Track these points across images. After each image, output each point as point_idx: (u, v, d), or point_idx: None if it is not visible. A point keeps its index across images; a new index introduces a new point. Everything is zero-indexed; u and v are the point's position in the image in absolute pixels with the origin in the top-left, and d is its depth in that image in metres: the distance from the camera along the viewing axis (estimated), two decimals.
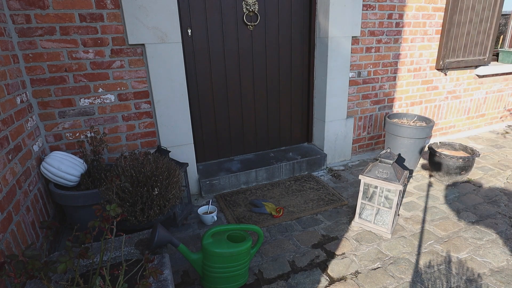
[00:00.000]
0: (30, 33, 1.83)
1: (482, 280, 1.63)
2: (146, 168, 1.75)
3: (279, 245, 1.93)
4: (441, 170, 2.58)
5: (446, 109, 3.57)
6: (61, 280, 1.15)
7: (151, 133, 2.32)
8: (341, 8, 2.57)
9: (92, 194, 1.75)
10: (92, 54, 2.00)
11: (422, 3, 2.95)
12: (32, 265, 0.91)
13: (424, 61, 3.20)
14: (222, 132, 2.76)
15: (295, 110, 3.02)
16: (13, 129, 1.61)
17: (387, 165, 1.97)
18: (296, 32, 2.76)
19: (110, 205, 1.08)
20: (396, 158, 2.02)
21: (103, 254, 1.11)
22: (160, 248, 1.30)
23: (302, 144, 3.18)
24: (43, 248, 1.73)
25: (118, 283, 1.02)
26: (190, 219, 2.23)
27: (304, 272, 1.70)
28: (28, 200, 1.67)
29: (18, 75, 1.80)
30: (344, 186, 2.64)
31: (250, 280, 1.65)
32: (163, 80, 2.19)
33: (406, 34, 2.99)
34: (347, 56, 2.76)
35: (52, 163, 1.78)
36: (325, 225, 2.12)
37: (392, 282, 1.62)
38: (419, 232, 2.02)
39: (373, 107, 3.13)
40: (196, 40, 2.42)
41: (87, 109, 2.09)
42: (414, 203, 2.35)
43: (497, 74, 3.75)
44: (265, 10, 2.57)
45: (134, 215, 1.66)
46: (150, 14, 2.02)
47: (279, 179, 2.78)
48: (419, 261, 1.77)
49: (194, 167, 2.50)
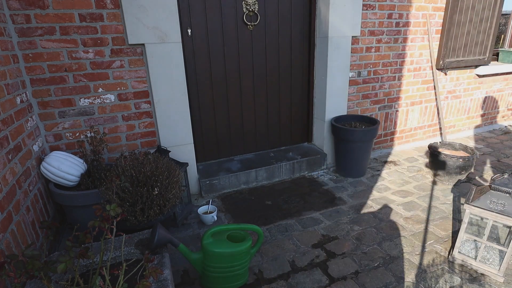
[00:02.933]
0: (30, 33, 1.83)
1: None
2: (146, 168, 1.75)
3: (279, 245, 1.93)
4: (443, 170, 2.58)
5: (446, 109, 3.57)
6: (61, 280, 1.15)
7: (151, 133, 2.32)
8: (341, 8, 2.57)
9: (92, 194, 1.75)
10: (92, 54, 2.00)
11: (422, 3, 2.94)
12: (32, 265, 0.91)
13: (424, 60, 3.20)
14: (222, 132, 2.76)
15: (295, 110, 3.02)
16: (13, 129, 1.61)
17: (504, 194, 1.62)
18: (296, 32, 2.76)
19: (110, 205, 1.08)
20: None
21: (103, 254, 1.11)
22: (160, 248, 1.30)
23: (302, 144, 3.18)
24: (43, 248, 1.73)
25: (118, 283, 1.02)
26: (190, 219, 2.23)
27: (304, 272, 1.70)
28: (28, 200, 1.67)
29: (18, 75, 1.80)
30: (344, 186, 2.65)
31: (250, 280, 1.65)
32: (163, 80, 2.19)
33: (406, 34, 2.99)
34: (347, 56, 2.76)
35: (52, 163, 1.78)
36: (325, 225, 2.12)
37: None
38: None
39: (373, 107, 3.13)
40: (196, 40, 2.42)
41: (87, 109, 2.09)
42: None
43: (497, 73, 3.74)
44: (265, 10, 2.57)
45: (134, 215, 1.66)
46: (150, 14, 2.02)
47: (279, 179, 2.78)
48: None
49: (194, 167, 2.50)
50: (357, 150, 2.67)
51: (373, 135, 2.65)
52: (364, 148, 2.69)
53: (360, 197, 2.47)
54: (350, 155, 2.71)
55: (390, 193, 2.51)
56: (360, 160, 2.73)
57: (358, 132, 2.59)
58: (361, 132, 2.59)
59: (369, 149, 2.74)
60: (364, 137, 2.61)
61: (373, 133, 2.64)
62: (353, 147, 2.66)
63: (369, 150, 2.75)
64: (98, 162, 1.98)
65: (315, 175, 2.86)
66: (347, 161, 2.75)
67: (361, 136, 2.61)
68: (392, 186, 2.63)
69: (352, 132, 2.60)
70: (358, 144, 2.65)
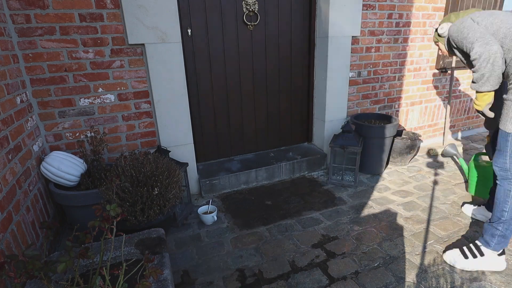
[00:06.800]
0: (30, 33, 1.83)
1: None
2: (146, 168, 1.75)
3: (279, 245, 1.93)
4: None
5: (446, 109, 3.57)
6: (61, 280, 1.15)
7: (151, 133, 2.32)
8: (341, 8, 2.57)
9: (92, 194, 1.75)
10: (92, 54, 2.00)
11: (422, 3, 2.94)
12: (32, 265, 0.91)
13: (424, 61, 3.20)
14: (222, 131, 2.76)
15: (295, 110, 3.02)
16: (13, 129, 1.61)
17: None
18: (296, 32, 2.76)
19: (110, 205, 1.08)
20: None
21: (103, 254, 1.11)
22: (160, 247, 1.30)
23: (302, 144, 3.18)
24: (43, 248, 1.73)
25: (118, 283, 1.02)
26: (190, 219, 2.23)
27: (304, 272, 1.70)
28: (28, 200, 1.66)
29: (18, 75, 1.80)
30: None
31: (250, 280, 1.66)
32: (163, 80, 2.19)
33: (406, 34, 2.99)
34: (347, 55, 2.75)
35: (52, 163, 1.78)
36: (325, 225, 2.12)
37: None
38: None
39: (373, 107, 3.13)
40: (196, 40, 2.42)
41: (87, 109, 2.09)
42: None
43: None
44: (265, 10, 2.57)
45: (134, 215, 1.66)
46: (150, 14, 2.02)
47: (279, 179, 2.78)
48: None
49: (194, 167, 2.50)
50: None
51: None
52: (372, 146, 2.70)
53: (360, 197, 2.47)
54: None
55: (390, 193, 2.51)
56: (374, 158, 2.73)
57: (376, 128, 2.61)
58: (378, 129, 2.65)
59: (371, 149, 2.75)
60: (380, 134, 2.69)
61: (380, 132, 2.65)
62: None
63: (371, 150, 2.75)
64: (98, 162, 1.98)
65: (315, 175, 2.86)
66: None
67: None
68: (392, 186, 2.63)
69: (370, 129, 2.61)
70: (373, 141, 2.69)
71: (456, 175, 2.79)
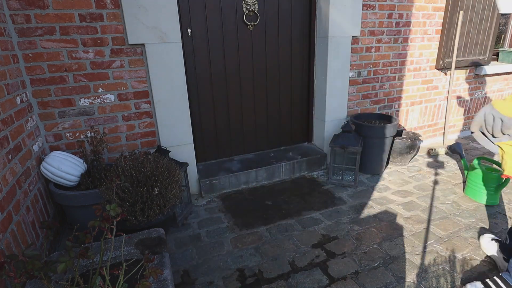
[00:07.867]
0: (30, 33, 1.83)
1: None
2: (146, 168, 1.75)
3: (279, 245, 1.93)
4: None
5: (446, 109, 3.57)
6: (61, 280, 1.15)
7: (151, 133, 2.32)
8: (341, 8, 2.57)
9: (92, 194, 1.75)
10: (92, 54, 2.00)
11: (422, 3, 2.94)
12: (32, 265, 0.91)
13: (424, 60, 3.20)
14: (222, 131, 2.76)
15: (295, 110, 3.02)
16: (13, 129, 1.61)
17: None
18: (296, 32, 2.76)
19: (110, 205, 1.08)
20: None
21: (103, 254, 1.11)
22: (160, 247, 1.30)
23: (302, 144, 3.18)
24: (43, 248, 1.73)
25: (118, 283, 1.02)
26: (190, 219, 2.23)
27: (304, 272, 1.70)
28: (28, 200, 1.66)
29: (18, 75, 1.80)
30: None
31: (250, 280, 1.66)
32: (163, 80, 2.19)
33: (406, 34, 2.99)
34: (347, 56, 2.75)
35: (52, 163, 1.78)
36: (325, 225, 2.12)
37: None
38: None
39: (373, 106, 3.13)
40: (196, 40, 2.42)
41: (87, 109, 2.09)
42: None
43: (497, 73, 3.74)
44: (265, 10, 2.57)
45: (134, 215, 1.66)
46: (150, 14, 2.02)
47: (279, 179, 2.78)
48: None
49: (194, 167, 2.50)
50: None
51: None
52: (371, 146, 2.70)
53: (360, 197, 2.47)
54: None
55: (390, 193, 2.51)
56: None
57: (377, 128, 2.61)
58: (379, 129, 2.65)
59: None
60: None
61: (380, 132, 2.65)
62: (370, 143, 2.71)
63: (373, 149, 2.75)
64: (98, 162, 1.98)
65: (315, 175, 2.85)
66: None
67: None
68: (392, 186, 2.63)
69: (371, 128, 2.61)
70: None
71: (456, 175, 2.79)
